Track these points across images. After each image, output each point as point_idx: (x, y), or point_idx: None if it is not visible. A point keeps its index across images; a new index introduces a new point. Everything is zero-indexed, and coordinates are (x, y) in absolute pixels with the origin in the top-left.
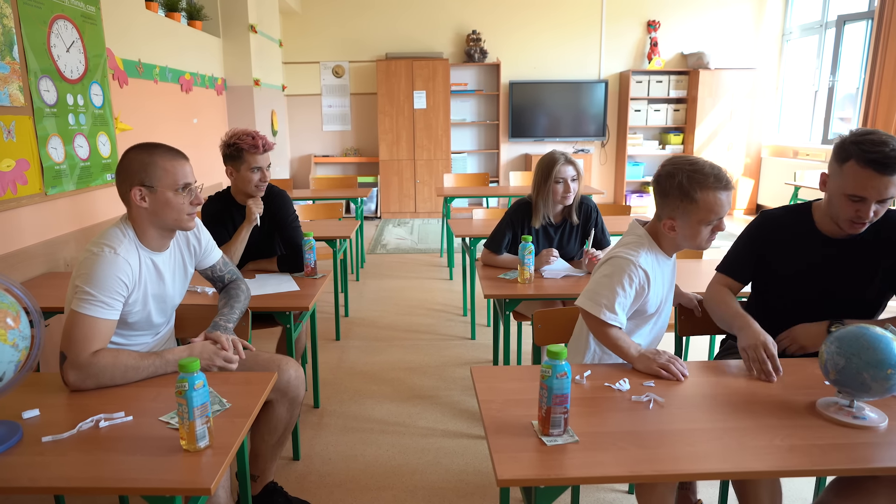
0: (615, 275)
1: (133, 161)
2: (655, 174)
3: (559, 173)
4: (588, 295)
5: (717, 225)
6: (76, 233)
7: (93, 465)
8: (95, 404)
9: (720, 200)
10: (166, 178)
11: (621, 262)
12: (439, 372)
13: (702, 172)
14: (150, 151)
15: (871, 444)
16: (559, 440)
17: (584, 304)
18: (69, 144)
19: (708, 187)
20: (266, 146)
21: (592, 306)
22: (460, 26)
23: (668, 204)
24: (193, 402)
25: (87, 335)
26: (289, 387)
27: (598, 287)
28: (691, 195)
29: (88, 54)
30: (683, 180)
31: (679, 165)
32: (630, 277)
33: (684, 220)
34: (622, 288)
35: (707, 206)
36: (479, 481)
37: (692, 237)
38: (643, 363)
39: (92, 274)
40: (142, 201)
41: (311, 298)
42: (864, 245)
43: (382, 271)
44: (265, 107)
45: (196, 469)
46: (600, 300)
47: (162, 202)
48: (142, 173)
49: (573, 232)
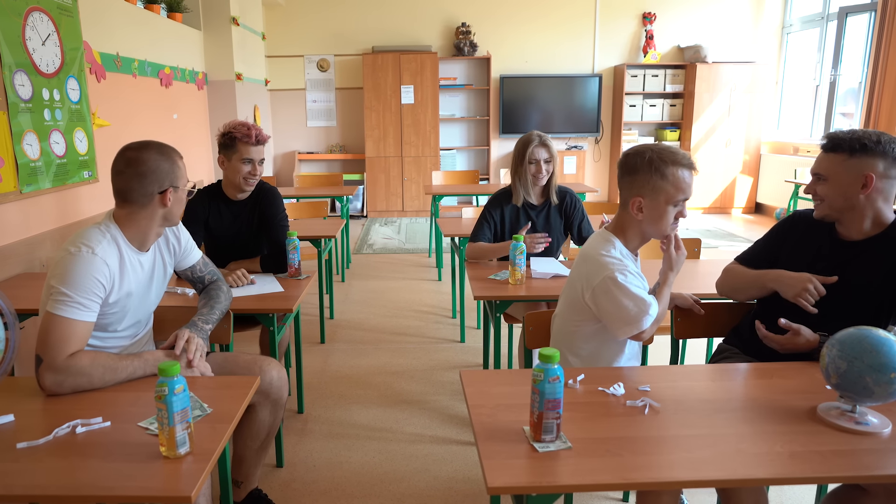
0: (621, 288)
1: (161, 163)
2: (622, 156)
3: (532, 154)
4: (622, 323)
5: (681, 210)
6: (53, 232)
7: (69, 473)
8: (72, 409)
9: (687, 178)
10: (182, 178)
11: (613, 276)
12: (427, 376)
13: (670, 150)
14: (168, 154)
15: (874, 450)
16: (551, 446)
17: (626, 332)
18: (45, 141)
19: (677, 163)
20: (259, 137)
21: (637, 325)
22: (449, 19)
23: (636, 182)
24: (173, 407)
25: (63, 337)
26: (271, 388)
27: (618, 311)
28: (661, 170)
29: (65, 47)
30: (654, 157)
31: (646, 145)
32: (627, 279)
33: (652, 199)
34: (632, 289)
35: (676, 182)
36: (468, 489)
37: (658, 219)
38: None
39: (68, 274)
40: (167, 201)
41: (295, 300)
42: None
43: (369, 272)
44: (247, 102)
45: (176, 476)
46: (640, 315)
47: (178, 201)
48: (172, 176)
49: (556, 216)
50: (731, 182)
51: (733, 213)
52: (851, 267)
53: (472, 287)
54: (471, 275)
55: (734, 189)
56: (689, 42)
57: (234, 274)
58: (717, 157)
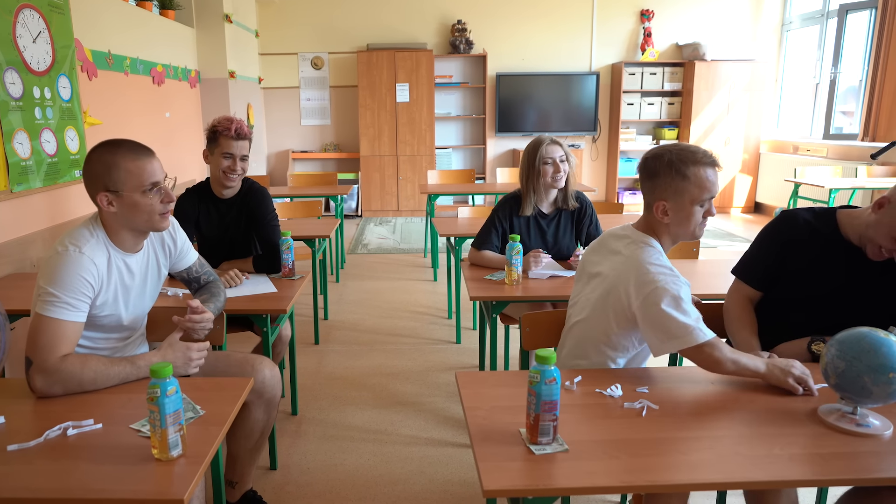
0: (673, 297)
1: (96, 164)
2: (641, 159)
3: (546, 153)
4: (672, 335)
5: (709, 208)
6: (44, 232)
7: (61, 475)
8: (63, 411)
9: (711, 177)
10: (131, 181)
11: (667, 281)
12: (423, 377)
13: (689, 150)
14: (112, 151)
15: (875, 452)
16: (548, 449)
17: (678, 346)
18: (36, 139)
19: (698, 162)
20: (239, 132)
21: (692, 338)
22: (445, 16)
23: (658, 185)
24: (166, 408)
25: (52, 339)
26: (264, 387)
27: (667, 322)
28: (682, 171)
29: (56, 45)
30: (673, 158)
31: (665, 147)
32: (682, 288)
33: (676, 202)
34: (688, 304)
35: (699, 182)
36: (464, 492)
37: (685, 220)
38: (776, 377)
39: (55, 274)
40: (109, 206)
41: (289, 300)
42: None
43: (363, 272)
44: (241, 100)
45: (169, 479)
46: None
47: (130, 205)
48: (105, 178)
49: (568, 224)
50: (730, 181)
51: (732, 212)
52: (881, 285)
53: (468, 287)
54: (467, 275)
55: (733, 188)
56: (688, 39)
57: (227, 274)
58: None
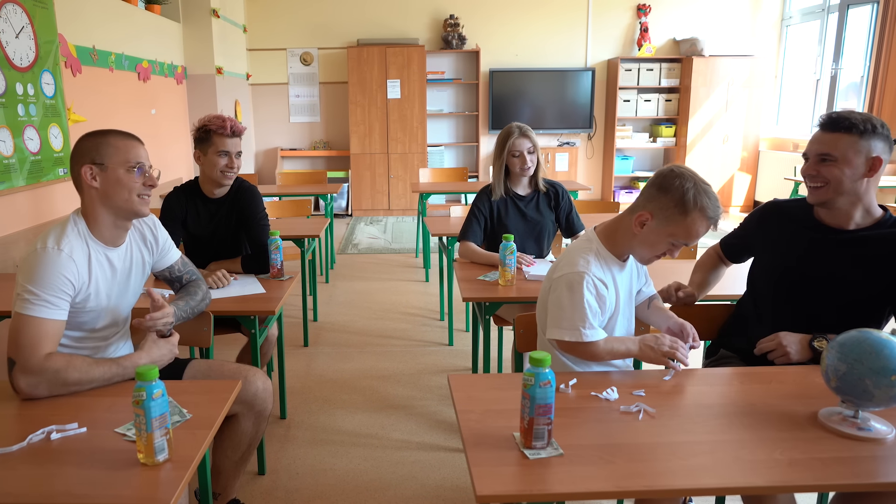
0: (574, 291)
1: (85, 141)
2: (667, 168)
3: (514, 146)
4: (556, 324)
5: (672, 250)
6: (27, 231)
7: (44, 480)
8: (47, 415)
9: (701, 231)
10: (117, 156)
11: (573, 277)
12: (414, 380)
13: (709, 196)
14: (102, 133)
15: (877, 457)
16: (542, 453)
17: (559, 334)
18: (18, 137)
19: (704, 211)
20: (235, 129)
21: (571, 333)
22: (437, 11)
23: (659, 199)
24: (152, 412)
25: (35, 338)
26: (255, 399)
27: (561, 312)
28: (688, 207)
29: (39, 40)
30: (690, 188)
31: (694, 176)
32: (587, 288)
33: (660, 224)
34: (586, 302)
35: (691, 227)
36: (456, 497)
37: (652, 244)
38: (648, 355)
39: (35, 272)
40: (92, 180)
41: (278, 302)
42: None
43: (354, 273)
44: (228, 96)
45: (154, 484)
46: (575, 323)
47: (113, 180)
48: (93, 151)
49: (545, 206)
50: (728, 179)
51: (731, 211)
52: (843, 260)
53: (461, 288)
54: (459, 276)
55: (732, 186)
56: (685, 35)
57: (214, 275)
58: (714, 154)
